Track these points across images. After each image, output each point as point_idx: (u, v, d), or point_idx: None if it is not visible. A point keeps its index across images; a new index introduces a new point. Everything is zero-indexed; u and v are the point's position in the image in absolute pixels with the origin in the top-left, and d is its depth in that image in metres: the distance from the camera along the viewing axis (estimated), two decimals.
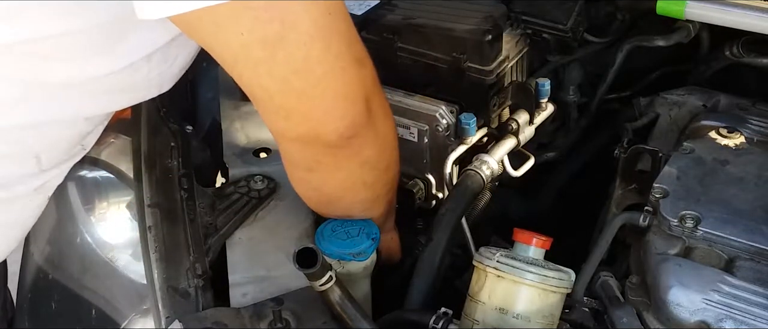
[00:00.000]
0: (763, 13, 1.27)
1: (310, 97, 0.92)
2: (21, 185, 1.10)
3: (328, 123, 0.95)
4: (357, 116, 0.96)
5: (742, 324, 0.98)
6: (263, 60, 0.88)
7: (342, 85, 0.93)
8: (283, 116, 0.95)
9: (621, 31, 1.49)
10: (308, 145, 0.98)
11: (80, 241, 1.26)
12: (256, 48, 0.87)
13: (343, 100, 0.94)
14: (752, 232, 1.07)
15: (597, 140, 1.54)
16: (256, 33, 0.86)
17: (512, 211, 1.50)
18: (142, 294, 1.16)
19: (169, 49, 1.05)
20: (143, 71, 1.05)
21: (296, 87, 0.91)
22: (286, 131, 0.97)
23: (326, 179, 1.06)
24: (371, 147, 1.02)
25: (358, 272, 1.12)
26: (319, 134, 0.96)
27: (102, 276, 1.24)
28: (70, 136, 1.11)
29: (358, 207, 1.13)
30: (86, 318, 1.23)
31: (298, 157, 1.04)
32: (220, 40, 0.88)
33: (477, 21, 1.28)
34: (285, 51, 0.87)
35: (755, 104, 1.34)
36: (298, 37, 0.87)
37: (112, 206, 1.28)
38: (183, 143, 1.28)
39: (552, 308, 1.02)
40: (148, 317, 1.15)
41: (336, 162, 1.02)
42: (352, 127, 0.96)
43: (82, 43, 0.96)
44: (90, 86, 1.02)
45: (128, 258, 1.24)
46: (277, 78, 0.90)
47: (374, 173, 1.08)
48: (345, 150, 0.99)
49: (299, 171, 1.08)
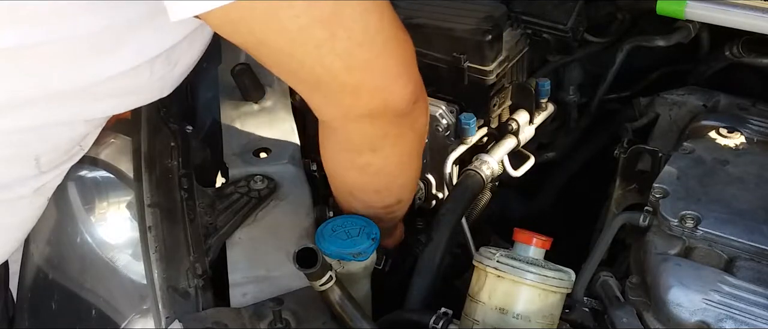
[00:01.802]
0: (763, 13, 1.27)
1: (375, 67, 0.92)
2: (21, 186, 1.10)
3: (396, 90, 0.95)
4: (417, 79, 0.97)
5: (742, 324, 0.98)
6: (325, 39, 0.87)
7: (401, 50, 0.94)
8: (350, 93, 0.94)
9: (621, 31, 1.49)
10: (376, 119, 0.98)
11: (80, 241, 1.26)
12: (316, 28, 0.86)
13: (403, 65, 0.95)
14: (752, 232, 1.07)
15: (597, 140, 1.54)
16: (313, 12, 0.85)
17: (512, 211, 1.50)
18: (142, 294, 1.16)
19: (172, 53, 1.05)
20: (145, 75, 1.05)
21: (361, 60, 0.90)
22: (353, 108, 0.96)
23: (389, 155, 1.05)
24: (425, 113, 1.04)
25: (358, 272, 1.12)
26: (388, 104, 0.95)
27: (102, 276, 1.24)
28: (70, 137, 1.11)
29: (407, 189, 1.14)
30: (86, 318, 1.23)
31: (363, 137, 1.02)
32: (275, 29, 0.86)
33: (477, 21, 1.28)
34: (344, 26, 0.87)
35: (755, 104, 1.34)
36: (353, 11, 0.87)
37: (112, 206, 1.28)
38: (183, 143, 1.28)
39: (552, 308, 1.02)
40: (148, 317, 1.15)
41: (399, 132, 1.02)
42: (416, 90, 0.97)
43: (87, 46, 0.95)
44: (92, 89, 1.02)
45: (128, 258, 1.24)
46: (342, 54, 0.89)
47: (422, 143, 1.09)
48: (409, 117, 0.99)
49: (362, 156, 1.06)
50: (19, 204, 1.13)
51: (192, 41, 1.07)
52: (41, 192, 1.14)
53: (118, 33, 0.96)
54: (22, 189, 1.10)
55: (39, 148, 1.08)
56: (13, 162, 1.07)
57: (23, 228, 1.20)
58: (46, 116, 1.03)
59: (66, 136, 1.10)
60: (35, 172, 1.09)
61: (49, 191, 1.17)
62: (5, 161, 1.06)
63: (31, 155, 1.07)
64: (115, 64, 1.00)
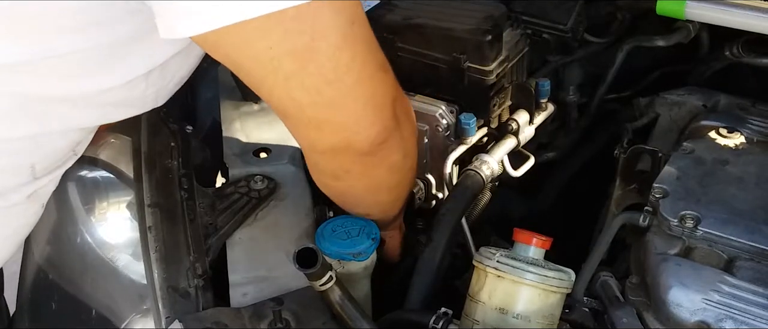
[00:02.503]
0: (763, 13, 1.27)
1: (341, 106, 0.92)
2: (14, 193, 1.10)
3: (360, 131, 0.95)
4: (386, 122, 0.97)
5: (742, 324, 0.98)
6: (294, 72, 0.88)
7: (371, 92, 0.94)
8: (315, 127, 0.95)
9: (621, 31, 1.49)
10: (338, 155, 0.99)
11: (80, 241, 1.26)
12: (286, 61, 0.86)
13: (372, 107, 0.95)
14: (752, 232, 1.07)
15: (597, 140, 1.54)
16: (286, 45, 0.85)
17: (512, 211, 1.50)
18: (142, 294, 1.16)
19: (167, 66, 1.05)
20: (140, 88, 1.05)
21: (328, 97, 0.90)
22: (317, 143, 0.98)
23: (353, 185, 1.07)
24: (398, 152, 1.03)
25: (358, 272, 1.12)
26: (350, 143, 0.96)
27: (102, 276, 1.24)
28: (64, 145, 1.11)
29: (377, 208, 1.14)
30: (86, 319, 1.23)
31: (327, 167, 1.05)
32: (249, 56, 0.87)
33: (477, 21, 1.28)
34: (316, 62, 0.87)
35: (755, 104, 1.34)
36: (328, 48, 0.87)
37: (112, 206, 1.28)
38: (183, 143, 1.28)
39: (552, 308, 1.02)
40: (148, 317, 1.15)
41: (364, 170, 1.03)
42: (383, 133, 0.97)
43: (80, 63, 0.96)
44: (86, 99, 1.02)
45: (128, 258, 1.24)
46: (309, 89, 0.89)
47: (398, 177, 1.09)
48: (374, 157, 1.00)
49: (325, 178, 1.09)
50: (14, 211, 1.12)
51: (187, 55, 1.07)
52: (35, 198, 1.14)
53: (112, 50, 0.96)
54: (16, 196, 1.10)
55: (34, 156, 1.08)
56: (8, 171, 1.07)
57: (18, 236, 1.19)
58: (39, 125, 1.03)
59: (60, 144, 1.10)
60: (30, 178, 1.09)
61: (44, 196, 1.16)
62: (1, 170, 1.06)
63: (26, 163, 1.07)
64: (110, 78, 1.00)
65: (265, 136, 1.34)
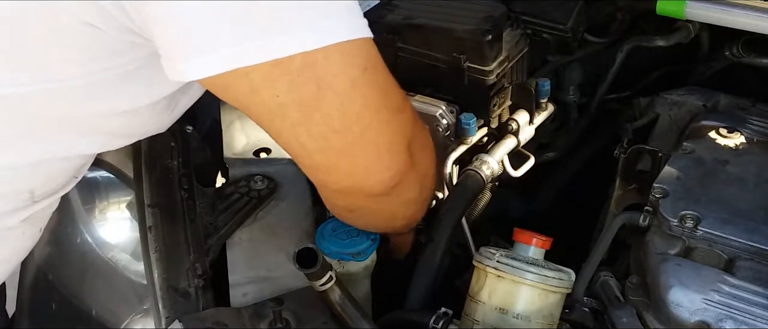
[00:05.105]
0: (763, 13, 1.27)
1: (350, 154, 0.90)
2: (11, 217, 1.08)
3: (371, 177, 0.93)
4: (400, 164, 0.95)
5: (742, 324, 0.98)
6: (300, 121, 0.86)
7: (383, 138, 0.92)
8: (324, 172, 0.94)
9: (621, 31, 1.49)
10: (349, 195, 0.98)
11: (80, 241, 1.26)
12: (292, 109, 0.85)
13: (386, 152, 0.93)
14: (752, 232, 1.07)
15: (597, 140, 1.53)
16: (292, 95, 0.84)
17: (512, 211, 1.50)
18: (142, 294, 1.17)
19: (174, 96, 1.04)
20: (145, 116, 1.03)
21: (335, 146, 0.89)
22: (328, 184, 0.97)
23: (366, 217, 1.07)
24: (413, 189, 1.01)
25: (358, 272, 1.12)
26: (362, 188, 0.94)
27: (102, 276, 1.24)
28: (65, 170, 1.08)
29: (392, 231, 1.15)
30: (86, 319, 1.23)
31: (338, 202, 1.04)
32: (256, 101, 0.86)
33: (477, 21, 1.28)
34: (322, 112, 0.85)
35: (755, 104, 1.34)
36: (335, 97, 0.85)
37: (112, 206, 1.28)
38: (183, 143, 1.28)
39: (552, 308, 1.02)
40: (148, 317, 1.15)
41: (378, 207, 1.02)
42: (396, 176, 0.95)
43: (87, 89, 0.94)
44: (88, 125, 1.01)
45: (128, 258, 1.24)
46: (316, 137, 0.88)
47: (413, 207, 1.08)
48: (388, 197, 0.98)
49: (338, 210, 1.08)
50: (11, 235, 1.10)
51: (191, 85, 1.05)
52: (32, 221, 1.12)
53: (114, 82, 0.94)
54: (12, 220, 1.08)
55: (34, 181, 1.06)
56: (7, 197, 1.05)
57: (15, 258, 1.17)
58: (42, 152, 1.01)
59: (62, 169, 1.08)
60: (28, 203, 1.08)
61: (42, 220, 1.14)
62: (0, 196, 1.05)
63: (25, 188, 1.05)
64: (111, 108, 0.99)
65: (265, 136, 1.33)
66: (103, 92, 0.95)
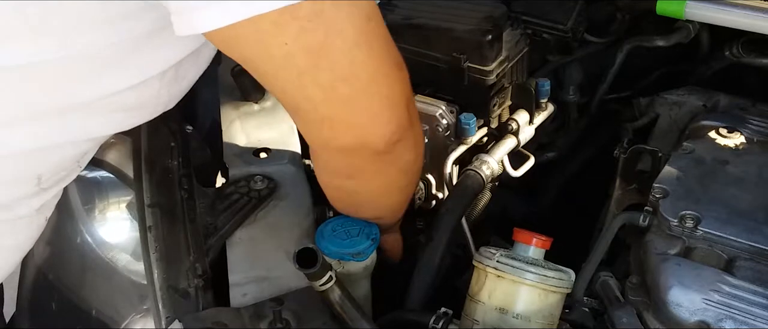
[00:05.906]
0: (763, 13, 1.27)
1: (356, 103, 0.91)
2: (22, 206, 1.09)
3: (375, 129, 0.94)
4: (401, 120, 0.96)
5: (742, 324, 0.98)
6: (307, 69, 0.87)
7: (387, 89, 0.92)
8: (328, 126, 0.93)
9: (621, 31, 1.49)
10: (352, 153, 0.97)
11: (80, 241, 1.26)
12: (300, 57, 0.86)
13: (388, 105, 0.93)
14: (752, 232, 1.07)
15: (597, 140, 1.54)
16: (301, 42, 0.84)
17: (512, 211, 1.50)
18: (142, 294, 1.17)
19: (181, 65, 1.04)
20: (154, 88, 1.04)
21: (342, 94, 0.89)
22: (331, 141, 0.96)
23: (364, 185, 1.06)
24: (411, 151, 1.02)
25: (358, 272, 1.12)
26: (365, 142, 0.95)
27: (102, 276, 1.24)
28: (73, 156, 1.09)
29: (386, 210, 1.14)
30: (86, 319, 1.23)
31: (339, 166, 1.03)
32: (262, 52, 0.87)
33: (477, 21, 1.28)
34: (329, 59, 0.86)
35: (755, 104, 1.34)
36: (343, 44, 0.86)
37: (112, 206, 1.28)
38: (183, 143, 1.28)
39: (552, 308, 1.02)
40: (148, 317, 1.15)
41: (378, 169, 1.01)
42: (398, 131, 0.95)
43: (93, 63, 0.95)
44: (97, 104, 1.01)
45: (128, 258, 1.24)
46: (323, 86, 0.88)
47: (408, 177, 1.08)
48: (389, 156, 0.98)
49: (336, 179, 1.07)
50: (19, 224, 1.11)
51: (198, 55, 1.06)
52: (42, 211, 1.12)
53: (127, 49, 0.95)
54: (23, 209, 1.09)
55: (41, 167, 1.06)
56: (15, 183, 1.06)
57: (21, 248, 1.17)
58: (49, 136, 1.02)
59: (69, 154, 1.08)
60: (36, 190, 1.08)
61: (48, 209, 1.15)
62: (8, 183, 1.05)
63: (33, 174, 1.06)
64: (122, 80, 0.99)
65: (265, 136, 1.34)
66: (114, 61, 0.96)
